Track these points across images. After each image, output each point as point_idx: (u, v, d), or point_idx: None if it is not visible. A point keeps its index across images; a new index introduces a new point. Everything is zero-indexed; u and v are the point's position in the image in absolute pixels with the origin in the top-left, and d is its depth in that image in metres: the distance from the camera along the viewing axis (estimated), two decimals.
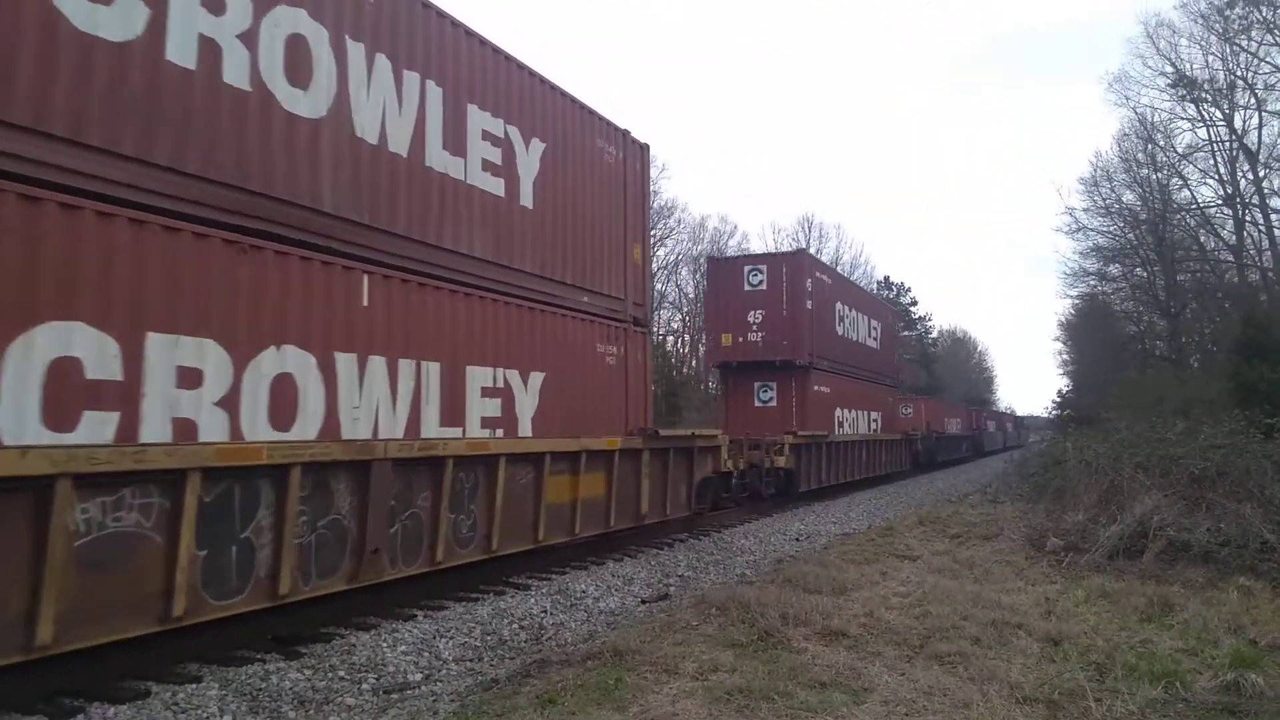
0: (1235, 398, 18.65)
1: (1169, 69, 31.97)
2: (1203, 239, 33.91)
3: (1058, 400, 49.08)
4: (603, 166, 12.13)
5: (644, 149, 13.33)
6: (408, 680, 6.22)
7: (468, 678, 6.29)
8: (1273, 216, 30.26)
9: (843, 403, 23.29)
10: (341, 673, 6.29)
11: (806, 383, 20.55)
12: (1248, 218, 31.54)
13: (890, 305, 36.68)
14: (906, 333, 70.58)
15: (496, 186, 9.86)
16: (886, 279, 71.23)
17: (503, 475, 9.19)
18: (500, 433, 9.59)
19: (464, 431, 9.03)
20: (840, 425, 22.85)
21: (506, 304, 9.87)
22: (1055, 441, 21.04)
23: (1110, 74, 42.28)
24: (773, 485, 18.43)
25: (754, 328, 20.56)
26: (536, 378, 10.30)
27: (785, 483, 18.91)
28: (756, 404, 20.80)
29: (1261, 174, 30.56)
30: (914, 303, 73.68)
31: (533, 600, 8.80)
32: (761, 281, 20.65)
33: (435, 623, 7.75)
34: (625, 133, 12.74)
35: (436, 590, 8.88)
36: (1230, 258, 32.64)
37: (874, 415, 26.71)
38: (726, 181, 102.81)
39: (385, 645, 6.98)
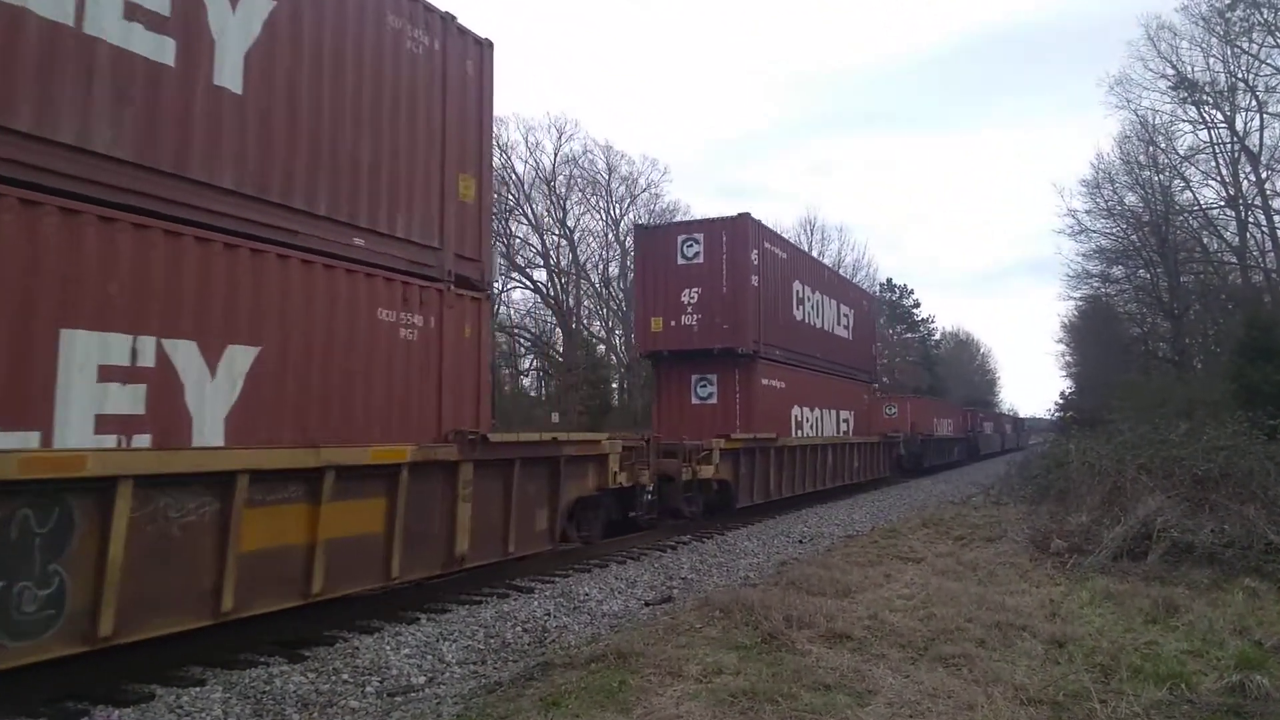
0: (1239, 399, 18.66)
1: (1170, 72, 31.97)
2: (1206, 241, 33.93)
3: (1060, 402, 49.03)
4: (402, 57, 8.63)
5: (484, 47, 9.82)
6: (411, 683, 6.22)
7: (471, 680, 6.28)
8: (1275, 218, 30.27)
9: (802, 400, 20.08)
10: (345, 676, 6.29)
11: (752, 375, 17.41)
12: (1250, 219, 31.56)
13: (867, 292, 32.56)
14: (909, 335, 70.59)
15: (157, 49, 6.38)
16: (889, 281, 71.31)
17: (126, 511, 5.55)
18: (146, 439, 6.19)
19: (47, 438, 5.62)
20: (798, 426, 19.75)
21: (173, 235, 6.43)
22: (1058, 443, 20.99)
23: (1111, 77, 42.23)
24: (700, 501, 15.19)
25: (688, 309, 17.25)
26: (241, 355, 6.85)
27: (721, 497, 15.83)
28: (694, 401, 17.60)
29: (1264, 176, 30.57)
30: (917, 305, 73.72)
31: (536, 603, 8.80)
32: (698, 253, 17.25)
33: (438, 625, 7.75)
34: (448, 18, 9.21)
35: (439, 593, 8.88)
36: (1233, 259, 32.62)
37: (844, 415, 23.41)
38: (729, 183, 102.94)
39: (388, 648, 6.98)
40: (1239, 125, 31.34)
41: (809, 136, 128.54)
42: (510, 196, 45.41)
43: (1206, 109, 31.87)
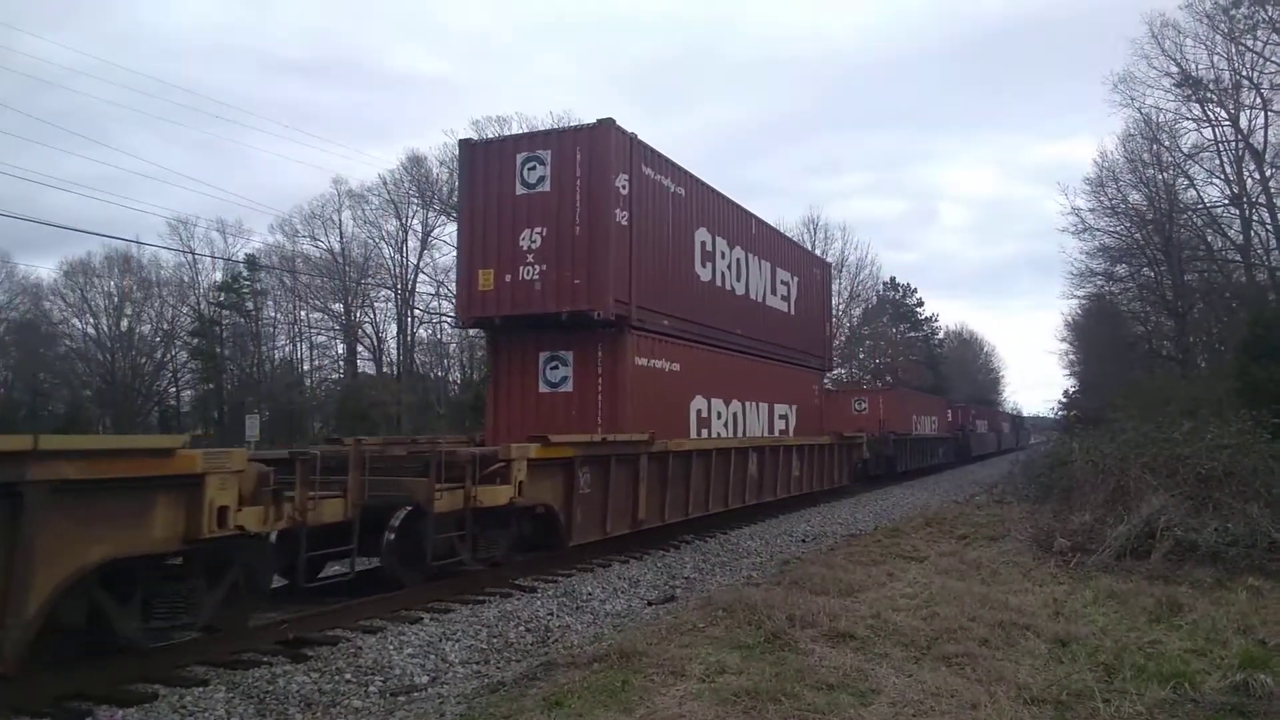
0: (1243, 397, 18.59)
1: (1174, 69, 31.87)
2: (1210, 239, 33.82)
3: (1064, 400, 48.87)
4: None
5: None
6: (414, 683, 6.23)
7: (474, 680, 6.29)
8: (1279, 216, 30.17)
9: (710, 389, 15.26)
10: (348, 675, 6.30)
11: (619, 352, 12.59)
12: (1255, 217, 31.45)
13: (819, 258, 24.95)
14: (913, 334, 70.46)
15: None
16: (892, 279, 71.07)
17: None
18: None
19: None
20: (703, 425, 15.04)
21: None
22: (1062, 442, 20.94)
23: (1115, 75, 42.26)
24: (504, 541, 9.86)
25: (529, 258, 12.44)
26: None
27: (545, 532, 10.58)
28: (542, 388, 12.90)
29: (1268, 173, 30.47)
30: (920, 303, 73.57)
31: (539, 602, 8.81)
32: (543, 179, 12.50)
33: (441, 625, 7.76)
34: None
35: (442, 594, 8.88)
36: (1238, 257, 32.54)
37: (782, 410, 18.60)
38: (732, 181, 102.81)
39: (392, 648, 6.98)
40: (1243, 123, 31.26)
41: (812, 134, 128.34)
42: None
43: (1210, 107, 31.80)
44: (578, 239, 12.27)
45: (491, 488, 9.26)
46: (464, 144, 13.67)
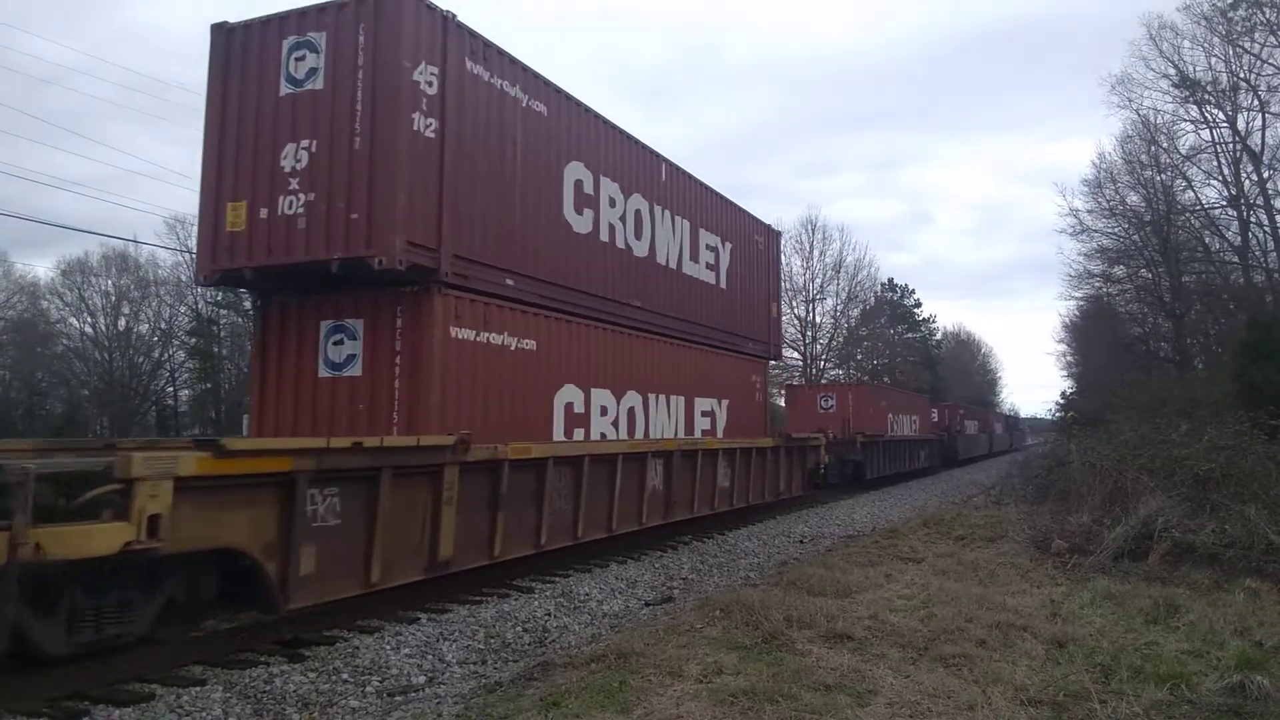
0: (1240, 399, 18.62)
1: (1172, 71, 31.92)
2: (1207, 240, 33.88)
3: (1061, 402, 48.80)
4: None
5: None
6: (411, 683, 6.23)
7: (471, 680, 6.29)
8: (1277, 218, 30.23)
9: (590, 376, 12.03)
10: (345, 675, 6.30)
11: (424, 318, 9.23)
12: (1252, 219, 31.50)
13: (762, 223, 19.18)
14: (910, 335, 70.45)
15: None
16: (890, 280, 70.97)
17: None
18: None
19: None
20: (580, 422, 11.82)
21: None
22: (1059, 443, 20.96)
23: (1113, 76, 42.45)
24: (139, 614, 5.91)
25: (293, 183, 9.09)
26: None
27: (244, 591, 6.68)
28: (323, 371, 9.53)
29: (1266, 175, 30.53)
30: (918, 304, 73.56)
31: (536, 603, 8.81)
32: (315, 72, 9.14)
33: (439, 625, 7.76)
34: None
35: (440, 593, 8.88)
36: (1235, 259, 32.60)
37: (705, 405, 15.42)
38: (728, 183, 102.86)
39: (389, 648, 6.98)
40: (1241, 125, 31.30)
41: (809, 136, 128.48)
42: None
43: (1208, 109, 31.84)
44: (355, 155, 8.87)
45: (77, 528, 5.25)
46: (217, 29, 9.71)
